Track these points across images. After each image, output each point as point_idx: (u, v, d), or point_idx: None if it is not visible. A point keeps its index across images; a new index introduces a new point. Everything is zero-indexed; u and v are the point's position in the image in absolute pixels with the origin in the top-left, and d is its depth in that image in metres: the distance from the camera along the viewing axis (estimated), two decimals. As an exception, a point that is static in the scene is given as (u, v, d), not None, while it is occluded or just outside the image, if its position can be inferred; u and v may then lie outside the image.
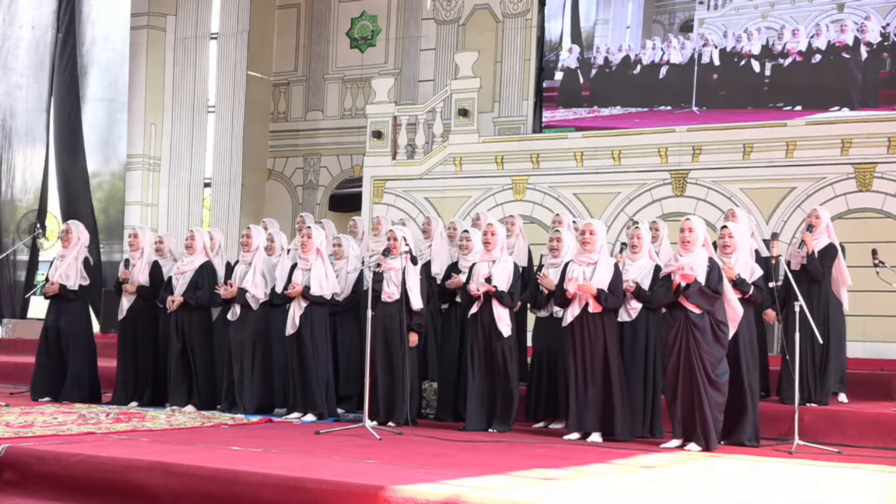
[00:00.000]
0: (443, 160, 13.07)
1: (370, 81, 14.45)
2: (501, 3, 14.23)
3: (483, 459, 6.28)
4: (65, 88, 15.83)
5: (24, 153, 15.75)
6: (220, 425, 7.81)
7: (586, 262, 7.49)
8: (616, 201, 12.03)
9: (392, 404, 8.01)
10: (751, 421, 7.22)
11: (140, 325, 9.31)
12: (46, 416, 7.88)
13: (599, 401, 7.36)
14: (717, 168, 11.57)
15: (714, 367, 6.94)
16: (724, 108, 12.48)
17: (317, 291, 8.23)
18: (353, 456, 6.17)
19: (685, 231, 7.09)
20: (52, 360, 9.43)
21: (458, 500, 4.81)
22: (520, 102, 13.90)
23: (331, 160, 15.43)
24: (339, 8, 15.58)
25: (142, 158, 15.67)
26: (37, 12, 15.89)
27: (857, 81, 11.83)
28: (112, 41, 16.09)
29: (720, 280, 7.00)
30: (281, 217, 14.72)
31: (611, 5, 13.51)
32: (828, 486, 5.79)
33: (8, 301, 15.13)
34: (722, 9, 12.69)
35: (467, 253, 8.23)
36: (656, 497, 5.21)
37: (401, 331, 7.99)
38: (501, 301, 7.82)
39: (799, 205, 10.97)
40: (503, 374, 7.86)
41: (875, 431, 7.52)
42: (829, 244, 8.15)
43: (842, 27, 11.89)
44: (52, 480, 5.82)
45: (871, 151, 10.88)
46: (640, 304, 7.61)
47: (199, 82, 15.39)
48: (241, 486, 5.31)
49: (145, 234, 9.57)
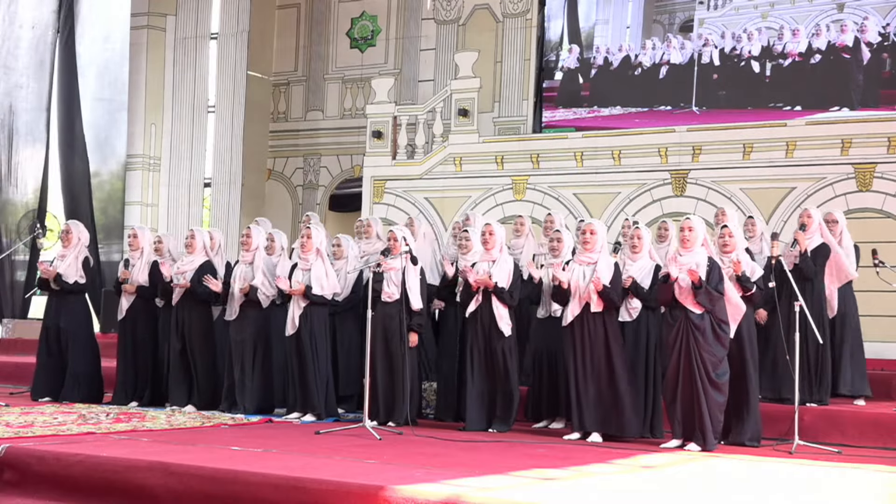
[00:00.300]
0: (443, 160, 13.07)
1: (370, 81, 14.45)
2: (501, 3, 14.23)
3: (483, 459, 6.28)
4: (65, 88, 15.83)
5: (25, 153, 15.74)
6: (220, 425, 7.81)
7: (586, 262, 7.50)
8: (616, 201, 12.02)
9: (392, 404, 8.01)
10: (751, 421, 7.23)
11: (140, 325, 9.30)
12: (46, 416, 7.88)
13: (600, 400, 7.36)
14: (717, 168, 11.57)
15: (714, 367, 6.94)
16: (724, 108, 12.49)
17: (317, 291, 8.23)
18: (353, 456, 6.17)
19: (685, 230, 7.11)
20: (52, 360, 9.43)
21: (458, 500, 4.81)
22: (520, 102, 13.90)
23: (331, 160, 15.43)
24: (339, 8, 15.58)
25: (142, 158, 15.67)
26: (37, 12, 15.88)
27: (857, 81, 11.83)
28: (111, 41, 16.09)
29: (721, 279, 7.01)
30: (281, 217, 14.78)
31: (611, 5, 13.51)
32: (828, 486, 5.79)
33: (8, 301, 15.13)
34: (722, 9, 12.70)
35: (467, 252, 8.23)
36: (656, 497, 5.21)
37: (401, 331, 8.00)
38: (501, 298, 7.82)
39: (799, 205, 10.96)
40: (503, 373, 7.86)
41: (875, 431, 7.52)
42: (821, 244, 8.17)
43: (842, 27, 11.89)
44: (52, 480, 5.82)
45: (871, 151, 10.88)
46: (641, 303, 7.62)
47: (199, 82, 15.39)
48: (241, 486, 5.31)
49: (145, 234, 9.57)
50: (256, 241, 8.74)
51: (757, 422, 7.26)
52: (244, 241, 8.78)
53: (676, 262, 7.06)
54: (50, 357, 9.44)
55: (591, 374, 7.36)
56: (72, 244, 9.50)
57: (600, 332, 7.37)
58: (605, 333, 7.38)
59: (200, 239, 9.07)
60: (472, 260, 8.10)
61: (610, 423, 7.35)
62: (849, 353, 8.31)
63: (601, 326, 7.38)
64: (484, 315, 7.87)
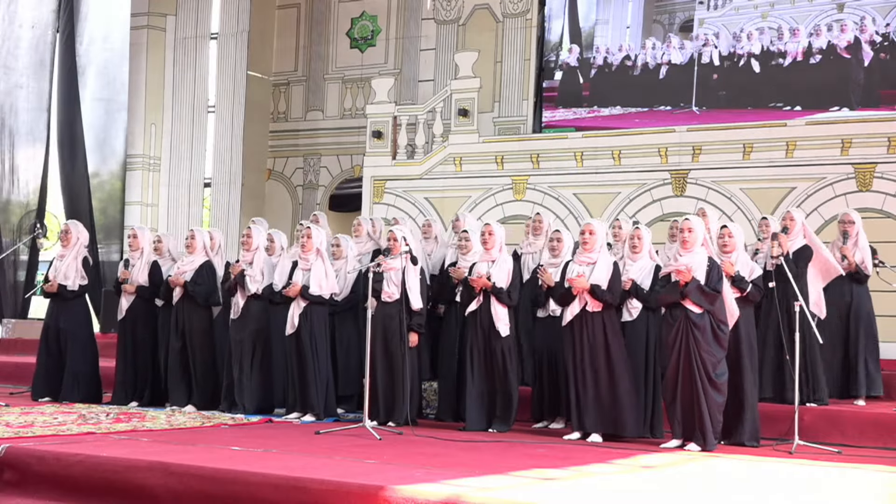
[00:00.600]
0: (443, 160, 13.07)
1: (370, 81, 14.45)
2: (501, 3, 14.23)
3: (483, 459, 6.28)
4: (65, 88, 15.82)
5: (25, 153, 15.73)
6: (220, 425, 7.81)
7: (586, 262, 7.49)
8: (616, 201, 12.02)
9: (392, 404, 8.01)
10: (750, 421, 7.23)
11: (139, 325, 9.31)
12: (46, 416, 7.88)
13: (600, 400, 7.36)
14: (717, 168, 11.57)
15: (714, 367, 6.94)
16: (724, 108, 12.48)
17: (316, 291, 8.23)
18: (353, 456, 6.17)
19: (684, 231, 7.10)
20: (52, 361, 9.43)
21: (458, 500, 4.81)
22: (520, 102, 13.90)
23: (331, 160, 15.43)
24: (339, 8, 15.57)
25: (142, 158, 15.66)
26: (37, 12, 15.87)
27: (857, 81, 11.82)
28: (111, 41, 16.08)
29: (720, 279, 7.01)
30: (281, 217, 14.78)
31: (610, 5, 13.51)
32: (828, 486, 5.79)
33: (8, 301, 15.12)
34: (722, 9, 12.69)
35: (466, 253, 8.23)
36: (656, 497, 5.21)
37: (401, 331, 8.00)
38: (500, 299, 7.82)
39: (799, 205, 10.96)
40: (503, 374, 7.86)
41: (875, 431, 7.52)
42: (803, 245, 8.18)
43: (842, 27, 11.88)
44: (52, 480, 5.82)
45: (871, 151, 10.87)
46: (641, 303, 7.62)
47: (199, 82, 15.39)
48: (241, 486, 5.31)
49: (145, 234, 9.57)
50: (257, 241, 8.75)
51: (755, 421, 7.26)
52: (245, 241, 8.79)
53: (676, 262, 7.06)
54: (49, 357, 9.45)
55: (591, 374, 7.36)
56: (71, 244, 9.50)
57: (599, 332, 7.37)
58: (605, 333, 7.37)
59: (200, 239, 9.07)
60: (471, 260, 8.10)
61: (609, 424, 7.35)
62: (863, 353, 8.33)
63: (600, 326, 7.38)
64: (483, 315, 7.87)
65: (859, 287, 8.45)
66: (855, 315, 8.44)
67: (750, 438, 7.21)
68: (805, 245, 8.19)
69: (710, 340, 6.96)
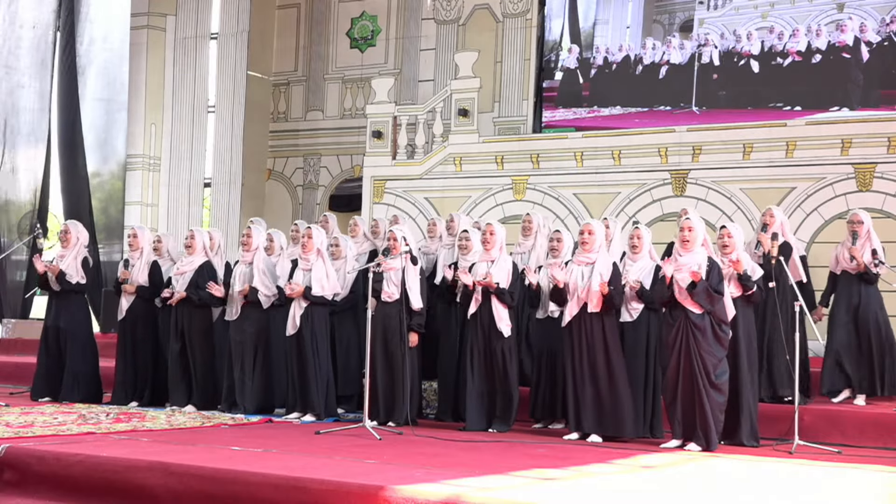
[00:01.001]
0: (443, 160, 13.07)
1: (370, 81, 14.45)
2: (501, 3, 14.22)
3: (483, 459, 6.28)
4: (65, 88, 15.82)
5: (26, 153, 15.73)
6: (220, 425, 7.81)
7: (585, 262, 7.50)
8: (616, 201, 12.02)
9: (392, 404, 8.01)
10: (749, 421, 7.23)
11: (139, 326, 9.31)
12: (46, 416, 7.88)
13: (598, 401, 7.36)
14: (717, 168, 11.56)
15: (714, 367, 6.94)
16: (724, 108, 12.47)
17: (317, 292, 8.24)
18: (353, 456, 6.18)
19: (685, 230, 7.10)
20: (52, 361, 9.43)
21: (458, 500, 4.82)
22: (520, 102, 13.90)
23: (331, 160, 15.43)
24: (339, 8, 15.57)
25: (142, 158, 15.66)
26: (37, 12, 15.87)
27: (857, 81, 11.81)
28: (111, 41, 16.08)
29: (721, 279, 7.01)
30: (281, 217, 14.77)
31: (610, 5, 13.50)
32: (828, 486, 5.80)
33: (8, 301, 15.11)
34: (722, 9, 12.69)
35: (466, 253, 8.23)
36: (656, 497, 5.21)
37: (401, 331, 8.00)
38: (500, 299, 7.82)
39: (799, 205, 10.97)
40: (503, 374, 7.86)
41: (875, 431, 7.52)
42: (783, 243, 8.18)
43: (842, 27, 11.87)
44: (52, 480, 5.82)
45: (871, 151, 10.87)
46: (642, 304, 7.62)
47: (199, 82, 15.38)
48: (241, 486, 5.32)
49: (145, 234, 9.57)
50: (257, 241, 8.75)
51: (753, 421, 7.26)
52: (244, 242, 8.79)
53: (676, 262, 7.06)
54: (49, 357, 9.45)
55: (589, 374, 7.36)
56: (71, 244, 9.50)
57: (598, 333, 7.37)
58: (604, 334, 7.37)
59: (200, 239, 9.07)
60: (471, 260, 8.10)
61: (608, 425, 7.35)
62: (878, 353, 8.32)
63: (599, 327, 7.38)
64: (483, 316, 7.87)
65: (868, 288, 8.40)
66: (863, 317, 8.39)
67: (749, 438, 7.21)
68: (785, 242, 8.21)
69: (711, 340, 6.96)
